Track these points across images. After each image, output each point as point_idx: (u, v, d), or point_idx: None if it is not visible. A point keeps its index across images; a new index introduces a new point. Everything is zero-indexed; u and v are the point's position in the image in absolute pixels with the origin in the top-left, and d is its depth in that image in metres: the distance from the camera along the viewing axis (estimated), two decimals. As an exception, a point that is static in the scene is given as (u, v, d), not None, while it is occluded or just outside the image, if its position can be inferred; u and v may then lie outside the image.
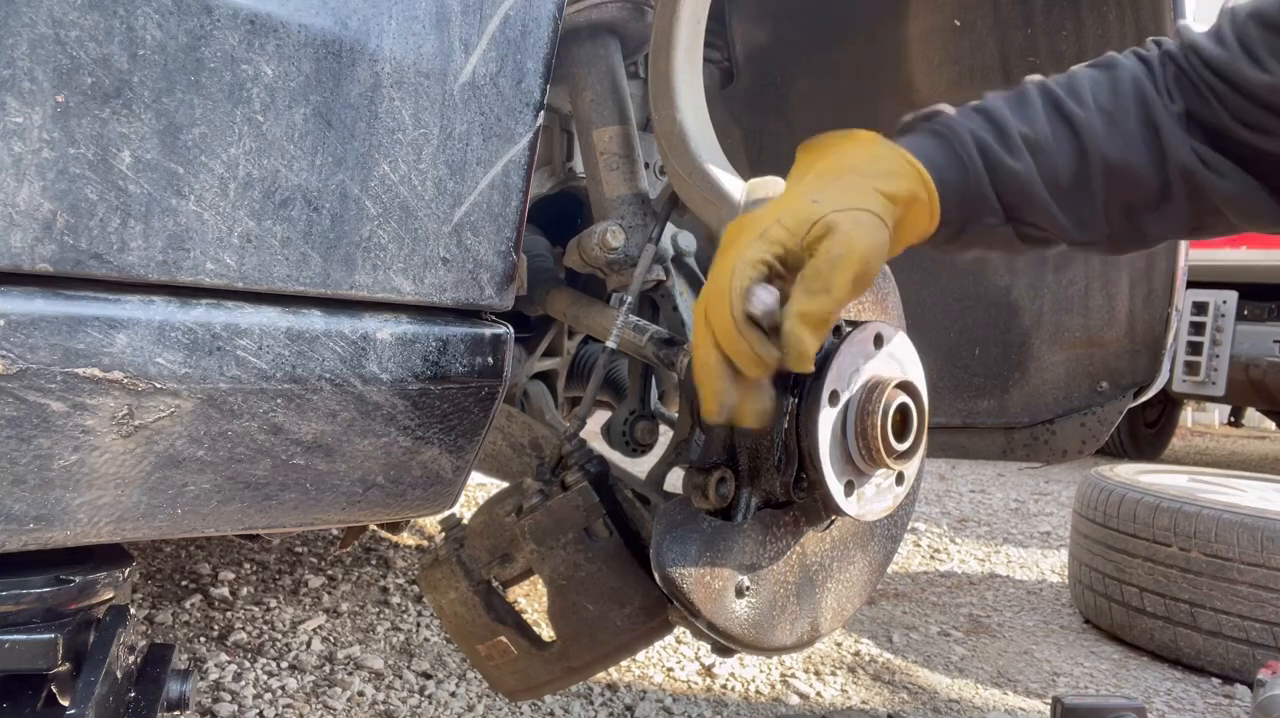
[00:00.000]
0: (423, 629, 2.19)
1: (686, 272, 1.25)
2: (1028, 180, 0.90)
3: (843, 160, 0.87)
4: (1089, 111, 0.91)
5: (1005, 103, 0.94)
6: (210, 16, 0.66)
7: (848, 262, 0.78)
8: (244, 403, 0.73)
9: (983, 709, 2.06)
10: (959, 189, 0.90)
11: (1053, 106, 0.92)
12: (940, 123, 0.93)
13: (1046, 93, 0.93)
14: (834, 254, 0.79)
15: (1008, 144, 0.91)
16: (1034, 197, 0.91)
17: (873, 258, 0.80)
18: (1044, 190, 0.91)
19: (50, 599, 0.78)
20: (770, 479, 0.95)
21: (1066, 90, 0.93)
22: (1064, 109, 0.91)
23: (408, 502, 0.91)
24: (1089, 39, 1.52)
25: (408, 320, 0.82)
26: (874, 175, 0.85)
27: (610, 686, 1.97)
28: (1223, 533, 2.29)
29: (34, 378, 0.63)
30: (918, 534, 3.76)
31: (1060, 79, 0.95)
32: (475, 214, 0.83)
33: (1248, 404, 6.83)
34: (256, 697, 1.78)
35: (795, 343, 0.79)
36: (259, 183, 0.71)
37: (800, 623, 1.00)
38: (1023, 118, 0.92)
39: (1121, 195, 0.92)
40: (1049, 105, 0.92)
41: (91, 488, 0.69)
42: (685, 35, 0.99)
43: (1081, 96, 0.92)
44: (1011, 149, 0.90)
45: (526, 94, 0.85)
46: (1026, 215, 0.93)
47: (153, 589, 2.23)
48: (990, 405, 1.76)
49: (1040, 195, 0.91)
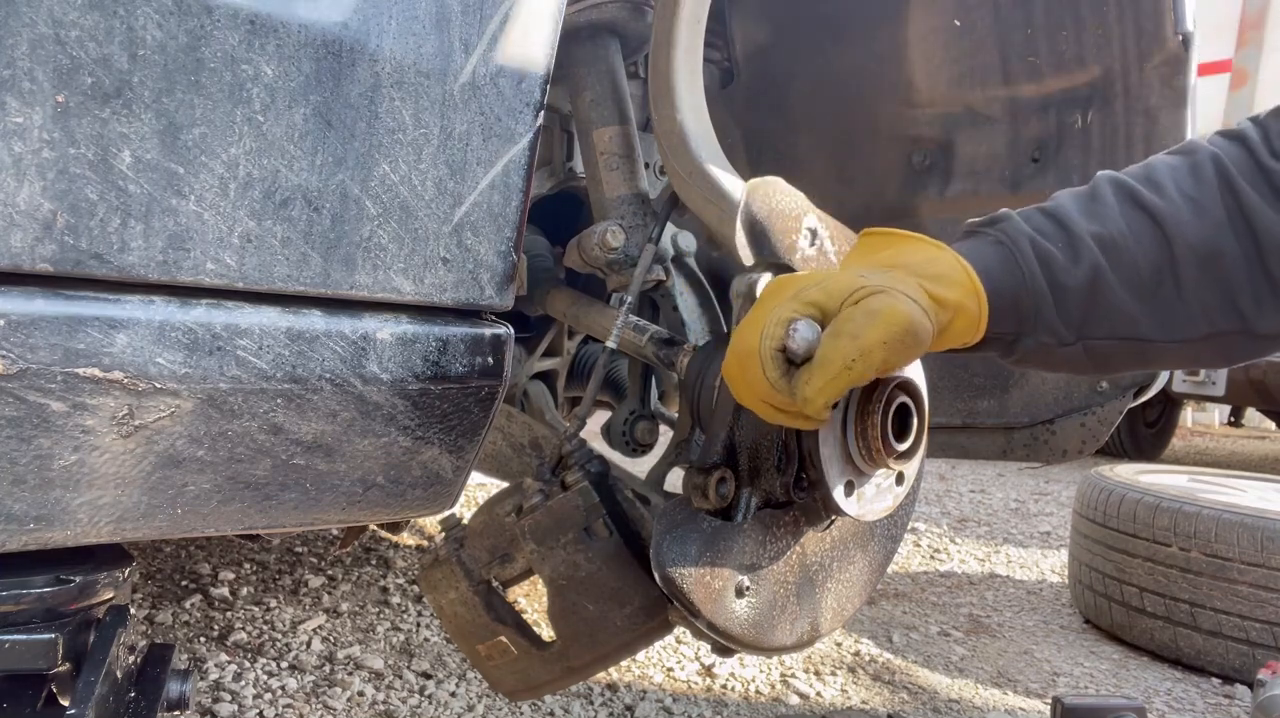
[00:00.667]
0: (423, 629, 2.19)
1: (686, 272, 1.25)
2: (1097, 286, 0.85)
3: (898, 257, 0.85)
4: (1169, 199, 0.85)
5: (1075, 202, 0.89)
6: (210, 16, 0.66)
7: (885, 320, 0.75)
8: (244, 403, 0.73)
9: (983, 709, 2.06)
10: (1012, 302, 0.86)
11: (1128, 199, 0.87)
12: (1001, 229, 0.89)
13: (1120, 186, 0.88)
14: (872, 308, 0.75)
15: (1075, 249, 0.86)
16: (1105, 301, 0.86)
17: (910, 332, 0.76)
18: (1120, 290, 0.85)
19: (50, 599, 0.78)
20: (770, 479, 0.95)
21: (1143, 181, 0.87)
22: (1141, 199, 0.86)
23: (408, 502, 0.91)
24: (1089, 39, 1.52)
25: (408, 320, 0.82)
26: (926, 277, 0.82)
27: (610, 686, 1.97)
28: (1223, 533, 2.29)
29: (34, 378, 0.63)
30: (918, 534, 3.76)
31: (1136, 168, 0.90)
32: (475, 214, 0.83)
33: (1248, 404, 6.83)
34: (256, 697, 1.78)
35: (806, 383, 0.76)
36: (259, 183, 0.71)
37: (800, 623, 1.00)
38: (1092, 217, 0.87)
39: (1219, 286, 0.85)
40: (1124, 198, 0.87)
41: (91, 488, 0.69)
42: (685, 35, 0.99)
43: (1161, 185, 0.86)
44: (1078, 255, 0.85)
45: (526, 94, 0.85)
46: (1100, 328, 0.88)
47: (153, 589, 2.23)
48: (990, 405, 1.76)
49: (1114, 298, 0.85)
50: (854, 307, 0.77)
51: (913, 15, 1.67)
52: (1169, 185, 0.86)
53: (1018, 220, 0.90)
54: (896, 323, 0.75)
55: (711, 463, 0.96)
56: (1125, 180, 0.88)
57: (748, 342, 0.79)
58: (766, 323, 0.78)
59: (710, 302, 1.25)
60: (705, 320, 1.24)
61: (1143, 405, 3.71)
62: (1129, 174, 0.90)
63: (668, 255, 1.22)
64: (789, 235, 0.98)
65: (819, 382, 0.75)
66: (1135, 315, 0.86)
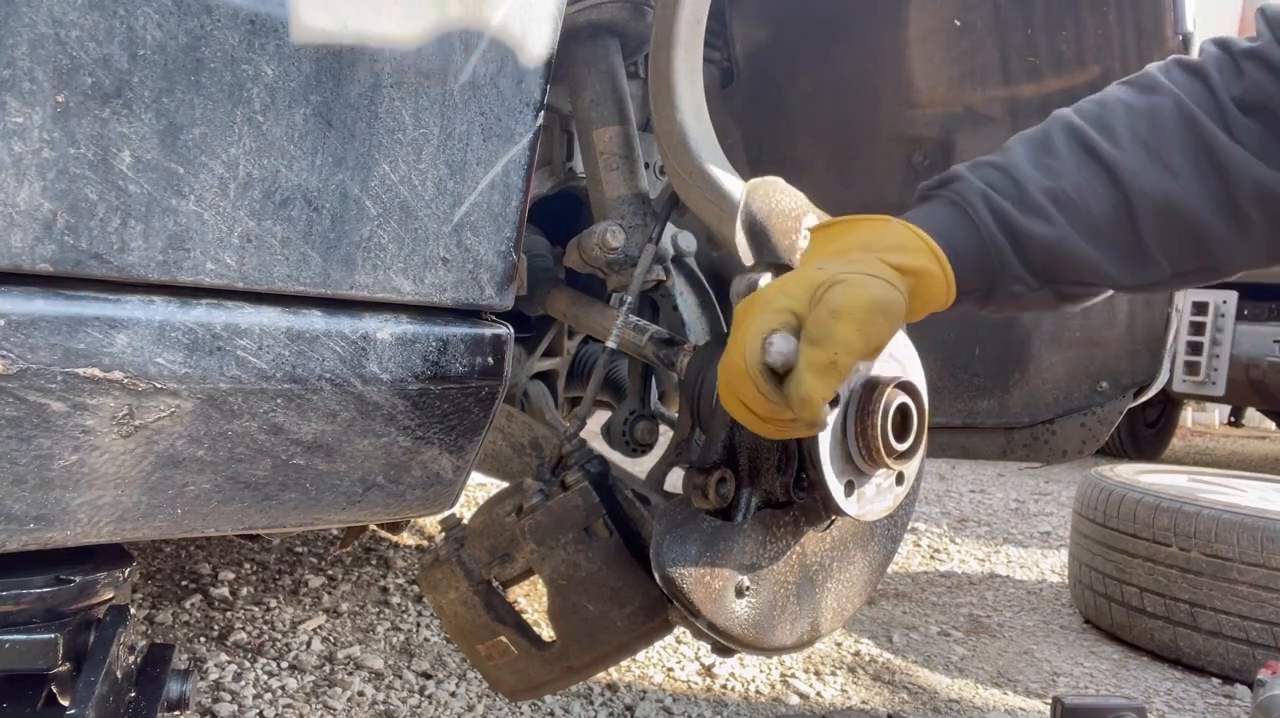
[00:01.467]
0: (423, 629, 2.19)
1: (686, 272, 1.25)
2: (1056, 239, 0.85)
3: (852, 240, 0.85)
4: (1123, 149, 0.84)
5: (1027, 153, 0.88)
6: (210, 16, 0.66)
7: (848, 310, 0.75)
8: (244, 403, 0.73)
9: (983, 709, 2.06)
10: (976, 259, 0.86)
11: (1082, 149, 0.86)
12: (954, 190, 0.89)
13: (1074, 133, 0.87)
14: (834, 304, 0.76)
15: (1027, 205, 0.85)
16: (1067, 254, 0.86)
17: (879, 311, 0.77)
18: (1081, 243, 0.85)
19: (50, 599, 0.78)
20: (770, 479, 0.95)
21: (1097, 125, 0.86)
22: (1095, 150, 0.85)
23: (408, 502, 0.91)
24: (1089, 39, 1.52)
25: (408, 320, 0.82)
26: (882, 249, 0.82)
27: (610, 686, 1.97)
28: (1223, 533, 2.29)
29: (34, 378, 0.63)
30: (918, 534, 3.76)
31: (1091, 108, 0.88)
32: (475, 214, 0.83)
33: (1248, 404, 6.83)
34: (256, 697, 1.78)
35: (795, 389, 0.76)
36: (259, 183, 0.71)
37: (800, 623, 1.00)
38: (1045, 170, 0.86)
39: (1181, 233, 0.84)
40: (1078, 148, 0.86)
41: (91, 488, 0.69)
42: (685, 35, 0.99)
43: (1114, 132, 0.85)
44: (1031, 210, 0.85)
45: (526, 94, 0.85)
46: (1065, 274, 0.88)
47: (153, 589, 2.23)
48: (990, 405, 1.76)
49: (1075, 250, 0.85)
50: (819, 305, 0.77)
51: (913, 15, 1.66)
52: (1123, 132, 0.85)
53: (970, 178, 0.89)
54: (862, 306, 0.76)
55: (711, 463, 0.96)
56: (1079, 126, 0.87)
57: (735, 365, 0.79)
58: (747, 343, 0.78)
59: (710, 302, 1.25)
60: (705, 320, 1.24)
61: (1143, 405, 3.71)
62: (1083, 115, 0.88)
63: (668, 255, 1.22)
64: (789, 235, 0.98)
65: (808, 387, 0.75)
66: (1098, 263, 0.86)
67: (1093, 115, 0.88)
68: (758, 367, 0.77)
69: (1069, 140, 0.87)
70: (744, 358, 0.78)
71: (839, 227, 0.89)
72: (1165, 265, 0.87)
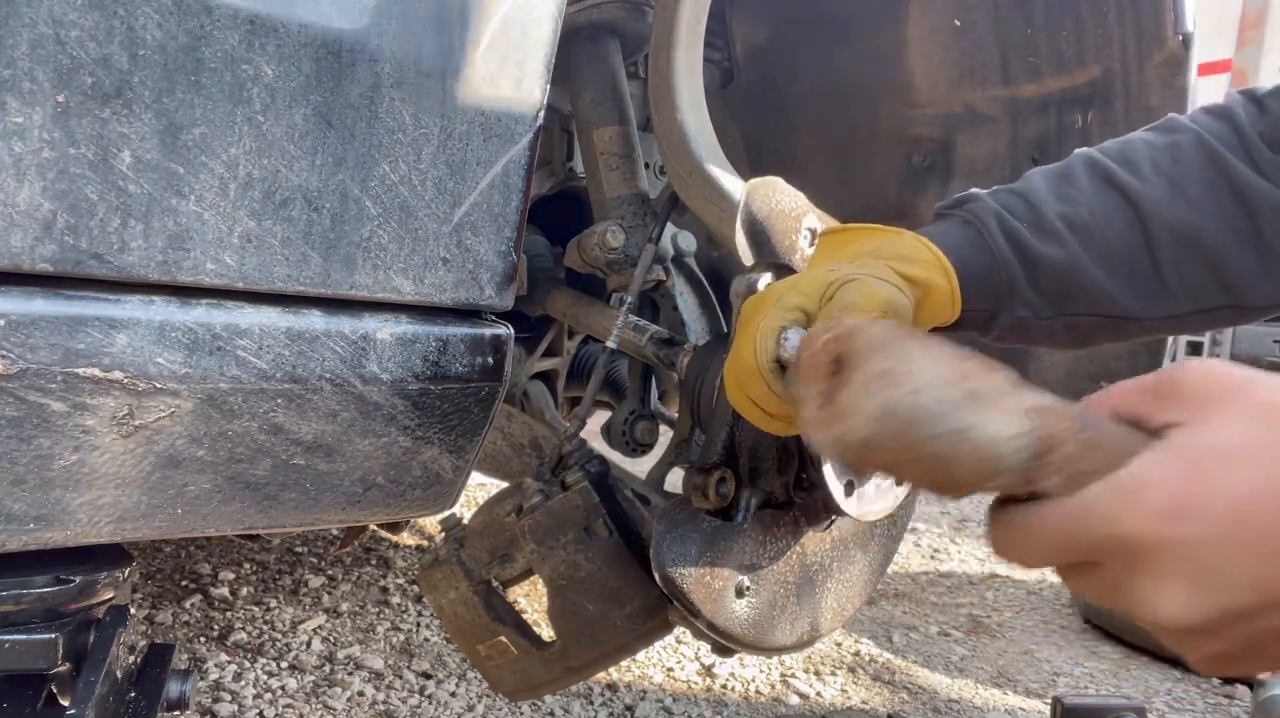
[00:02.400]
0: (423, 629, 2.19)
1: (686, 272, 1.25)
2: (1068, 262, 0.84)
3: (863, 246, 0.85)
4: (1144, 179, 0.84)
5: (1046, 181, 0.88)
6: (210, 17, 0.66)
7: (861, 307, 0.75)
8: (244, 403, 0.73)
9: (983, 709, 2.06)
10: (984, 277, 0.86)
11: (1101, 179, 0.86)
12: (969, 209, 0.89)
13: (1094, 164, 0.87)
14: (846, 301, 0.76)
15: (1041, 228, 0.85)
16: (1079, 278, 0.85)
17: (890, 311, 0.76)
18: (1094, 268, 0.84)
19: (50, 599, 0.79)
20: (770, 479, 0.96)
21: (1119, 159, 0.86)
22: (1114, 178, 0.85)
23: (408, 502, 0.91)
24: (1089, 39, 1.52)
25: (408, 320, 0.82)
26: (892, 258, 0.82)
27: (610, 686, 1.97)
28: (1223, 533, 2.29)
29: (34, 378, 0.63)
30: (918, 534, 3.76)
31: (1113, 146, 0.88)
32: (475, 214, 0.83)
33: (1248, 404, 6.81)
34: (256, 697, 1.78)
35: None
36: (259, 183, 0.71)
37: (800, 623, 1.00)
38: (1063, 197, 0.86)
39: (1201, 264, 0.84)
40: (1097, 178, 0.86)
41: (91, 488, 0.69)
42: (685, 35, 0.99)
43: (1135, 164, 0.85)
44: (1044, 232, 0.85)
45: (526, 94, 0.85)
46: (1076, 302, 0.87)
47: (153, 589, 2.23)
48: (990, 405, 1.75)
49: (1087, 275, 0.85)
50: (831, 302, 0.77)
51: (913, 15, 1.66)
52: (1144, 164, 0.85)
53: (985, 199, 0.89)
54: (875, 304, 0.75)
55: (711, 463, 0.96)
56: (1100, 159, 0.87)
57: (744, 361, 0.79)
58: (757, 338, 0.78)
59: (710, 302, 1.25)
60: (705, 320, 1.24)
61: (1143, 405, 3.69)
62: (1105, 152, 0.88)
63: (668, 255, 1.22)
64: (789, 235, 0.98)
65: None
66: (1113, 293, 0.86)
67: (1115, 151, 0.88)
68: (770, 363, 0.77)
69: (1089, 171, 0.87)
70: (755, 354, 0.78)
71: (850, 233, 0.89)
72: (1183, 299, 0.86)
